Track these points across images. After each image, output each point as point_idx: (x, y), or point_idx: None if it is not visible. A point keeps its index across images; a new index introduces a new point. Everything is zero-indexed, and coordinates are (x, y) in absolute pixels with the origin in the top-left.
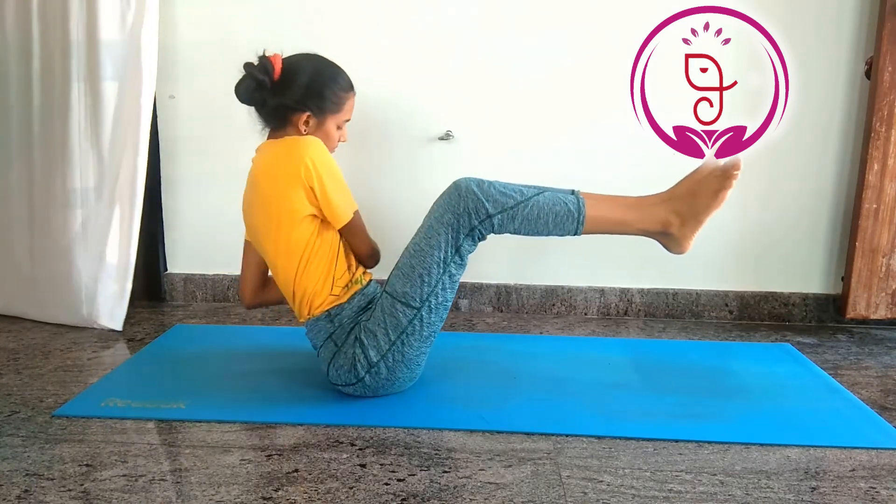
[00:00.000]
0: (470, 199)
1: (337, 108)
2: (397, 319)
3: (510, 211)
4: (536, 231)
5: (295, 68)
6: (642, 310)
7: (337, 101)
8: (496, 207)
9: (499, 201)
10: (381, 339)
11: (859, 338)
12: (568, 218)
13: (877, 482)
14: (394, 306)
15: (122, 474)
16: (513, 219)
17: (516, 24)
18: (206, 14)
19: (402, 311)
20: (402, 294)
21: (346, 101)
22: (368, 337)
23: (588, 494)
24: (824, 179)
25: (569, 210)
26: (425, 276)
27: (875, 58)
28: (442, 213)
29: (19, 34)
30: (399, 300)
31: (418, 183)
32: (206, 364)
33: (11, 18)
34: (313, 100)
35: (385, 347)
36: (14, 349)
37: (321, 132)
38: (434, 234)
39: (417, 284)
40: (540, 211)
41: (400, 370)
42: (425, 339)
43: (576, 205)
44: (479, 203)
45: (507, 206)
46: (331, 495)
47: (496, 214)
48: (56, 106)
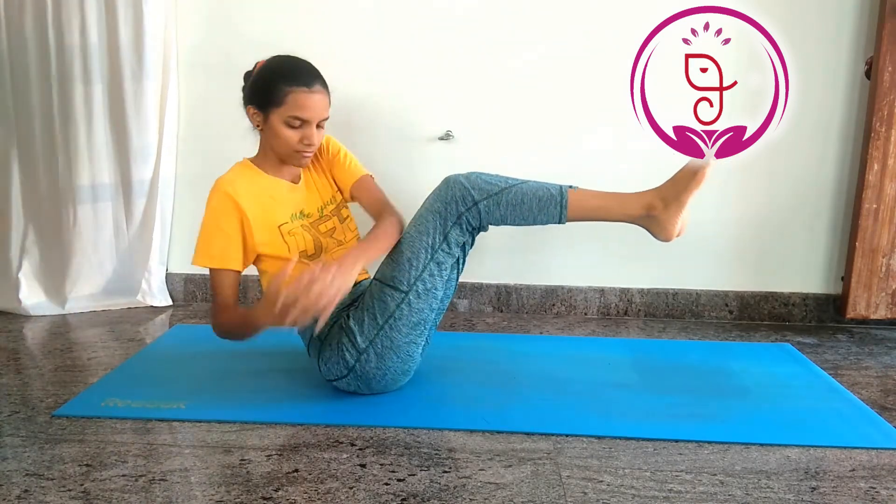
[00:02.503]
0: (457, 188)
1: (277, 101)
2: (385, 303)
3: (495, 197)
4: (522, 217)
5: (261, 67)
6: (642, 310)
7: (277, 94)
8: (481, 194)
9: (484, 189)
10: (368, 323)
11: (859, 338)
12: (551, 202)
13: (877, 482)
14: (382, 290)
15: (122, 474)
16: (498, 204)
17: (516, 24)
18: (208, 16)
19: (390, 295)
20: (390, 278)
21: (289, 96)
22: (356, 323)
23: (588, 494)
24: (824, 179)
25: (551, 195)
26: (413, 259)
27: (875, 58)
28: (432, 202)
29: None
30: (387, 284)
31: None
32: (206, 364)
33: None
34: (256, 93)
35: (373, 332)
36: (14, 349)
37: (269, 129)
38: (423, 222)
39: (405, 268)
40: (524, 196)
41: (390, 358)
42: (414, 326)
43: (558, 190)
44: (465, 191)
45: (491, 192)
46: (331, 495)
47: (482, 200)
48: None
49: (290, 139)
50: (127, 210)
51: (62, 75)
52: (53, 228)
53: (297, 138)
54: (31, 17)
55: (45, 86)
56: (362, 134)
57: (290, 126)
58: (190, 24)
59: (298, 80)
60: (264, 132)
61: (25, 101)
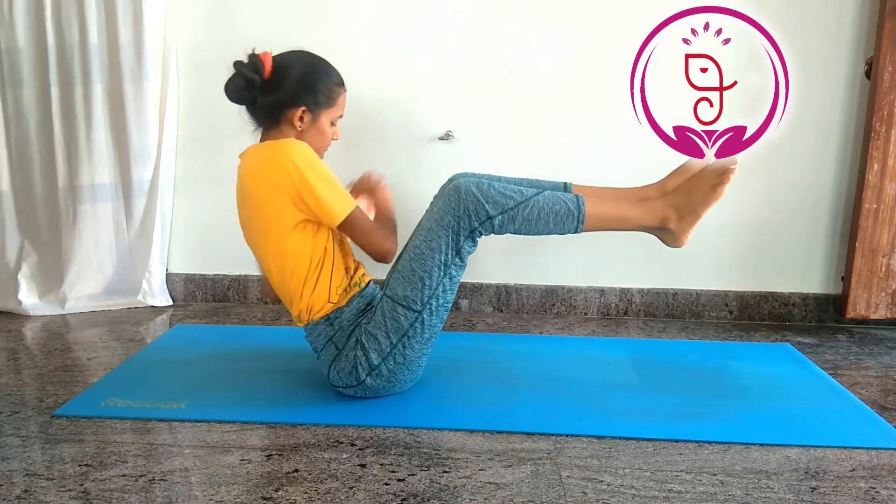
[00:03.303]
0: (470, 200)
1: (331, 102)
2: (398, 322)
3: (510, 212)
4: (537, 231)
5: (286, 64)
6: (642, 310)
7: (330, 96)
8: (496, 209)
9: (499, 202)
10: (382, 342)
11: (859, 338)
12: (568, 217)
13: (877, 482)
14: (395, 310)
15: (122, 474)
16: (513, 220)
17: (517, 24)
18: (207, 14)
19: (404, 315)
20: (402, 297)
21: (339, 96)
22: (369, 340)
23: (588, 494)
24: (824, 179)
25: (569, 209)
26: (426, 279)
27: (875, 58)
28: (442, 214)
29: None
30: (400, 303)
31: (418, 183)
32: (206, 364)
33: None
34: (307, 94)
35: (386, 350)
36: (14, 349)
37: (315, 128)
38: (434, 237)
39: (418, 288)
40: (540, 211)
41: (401, 372)
42: (426, 342)
43: (575, 203)
44: (479, 205)
45: (507, 206)
46: (331, 495)
47: (497, 216)
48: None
49: (329, 137)
50: (127, 210)
51: (62, 75)
52: (53, 229)
53: (332, 135)
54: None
55: (43, 86)
56: (362, 134)
57: (333, 125)
58: (190, 24)
59: (341, 81)
60: (305, 132)
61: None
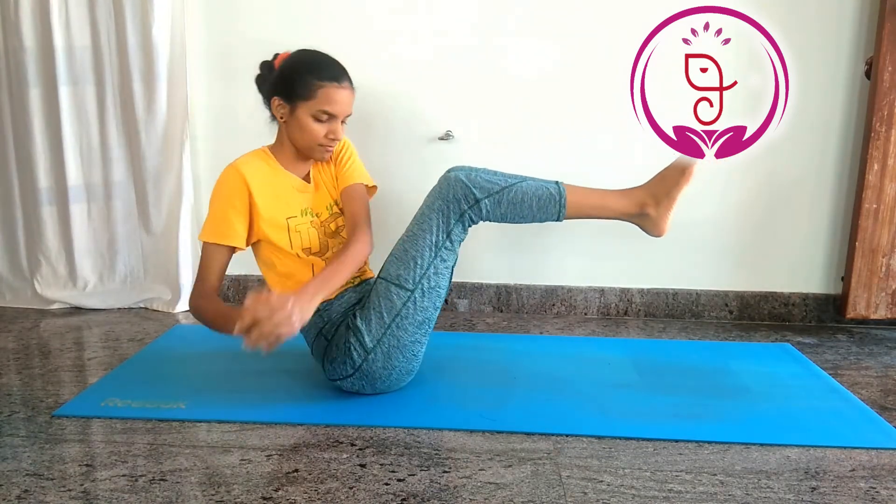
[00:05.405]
0: (459, 186)
1: (307, 95)
2: (392, 302)
3: (496, 195)
4: (521, 215)
5: (287, 60)
6: (642, 310)
7: (307, 87)
8: (483, 192)
9: (485, 188)
10: (375, 323)
11: (859, 338)
12: (550, 201)
13: (877, 482)
14: (388, 289)
15: (122, 474)
16: (499, 203)
17: (517, 24)
18: (216, 17)
19: (397, 293)
20: (395, 276)
21: (320, 91)
22: (364, 322)
23: (588, 494)
24: (824, 179)
25: (550, 194)
26: (418, 258)
27: (875, 58)
28: (433, 200)
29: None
30: (393, 283)
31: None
32: (206, 364)
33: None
34: (284, 85)
35: (380, 332)
36: (14, 349)
37: (295, 121)
38: (426, 220)
39: (410, 267)
40: (524, 195)
41: (396, 358)
42: (419, 325)
43: (557, 189)
44: (467, 189)
45: (493, 191)
46: (331, 495)
47: (484, 199)
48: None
49: (316, 133)
50: (131, 209)
51: (72, 76)
52: (55, 229)
53: (322, 132)
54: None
55: (51, 86)
56: (362, 134)
57: (317, 120)
58: (198, 25)
59: (329, 74)
60: (287, 124)
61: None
